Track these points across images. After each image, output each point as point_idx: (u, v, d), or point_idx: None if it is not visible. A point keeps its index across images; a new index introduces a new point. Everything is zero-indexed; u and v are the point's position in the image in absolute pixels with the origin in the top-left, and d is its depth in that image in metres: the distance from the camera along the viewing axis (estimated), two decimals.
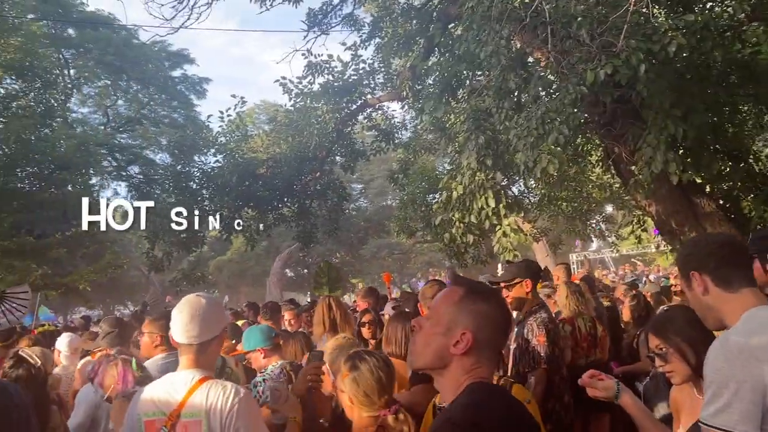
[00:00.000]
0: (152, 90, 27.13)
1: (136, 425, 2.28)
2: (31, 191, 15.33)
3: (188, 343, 2.32)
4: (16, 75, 14.49)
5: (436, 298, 1.65)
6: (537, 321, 3.93)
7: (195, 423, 2.21)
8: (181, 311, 2.34)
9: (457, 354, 1.50)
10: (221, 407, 2.21)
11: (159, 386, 2.34)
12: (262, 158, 14.61)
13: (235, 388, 2.29)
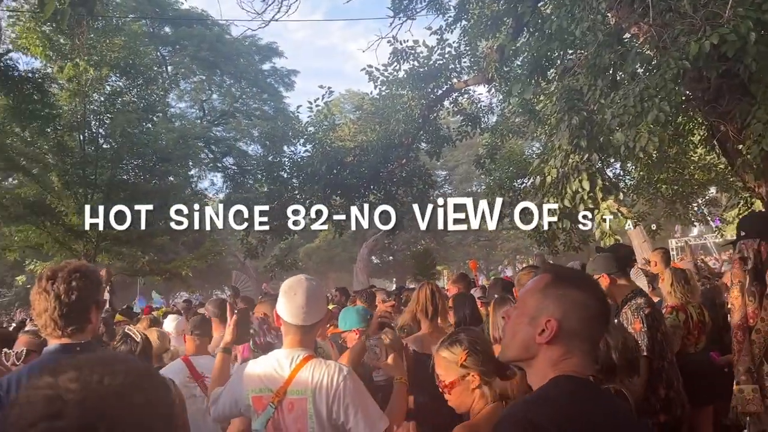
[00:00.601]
0: (244, 84, 28.18)
1: (244, 400, 2.36)
2: (136, 182, 16.34)
3: (301, 324, 2.37)
4: (120, 73, 15.44)
5: (524, 286, 1.57)
6: (632, 308, 3.74)
7: (301, 400, 2.26)
8: (295, 293, 2.37)
9: (542, 343, 1.41)
10: (327, 385, 2.25)
11: (263, 364, 2.40)
12: (350, 146, 14.83)
13: (339, 367, 2.33)
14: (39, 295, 2.15)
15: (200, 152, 24.27)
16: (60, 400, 0.69)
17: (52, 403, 0.69)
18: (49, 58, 14.46)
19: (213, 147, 27.00)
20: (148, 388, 0.76)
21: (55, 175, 15.06)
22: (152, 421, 0.74)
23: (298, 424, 2.24)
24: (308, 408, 2.24)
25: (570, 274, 1.52)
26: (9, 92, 11.97)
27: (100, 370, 0.73)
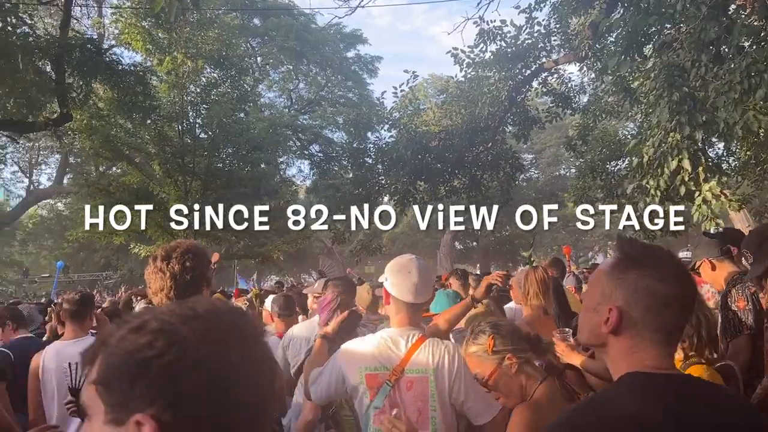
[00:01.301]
0: (329, 72, 28.66)
1: (354, 378, 2.36)
2: (231, 170, 17.04)
3: (413, 302, 2.37)
4: (214, 65, 16.11)
5: (595, 270, 1.45)
6: (737, 288, 3.56)
7: (421, 379, 2.27)
8: (410, 271, 2.37)
9: (607, 333, 1.28)
10: (449, 365, 2.26)
11: (373, 342, 2.40)
12: (434, 131, 14.79)
13: (454, 346, 2.36)
14: (155, 274, 2.23)
15: (288, 140, 24.95)
16: (176, 334, 0.76)
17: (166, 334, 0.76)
18: (149, 52, 15.30)
19: (300, 135, 27.68)
20: (252, 343, 0.82)
21: (157, 163, 15.97)
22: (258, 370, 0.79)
23: (419, 402, 2.25)
24: (430, 387, 2.25)
25: (641, 254, 1.32)
26: (114, 85, 12.78)
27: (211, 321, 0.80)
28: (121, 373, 0.74)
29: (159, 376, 0.73)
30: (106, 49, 13.08)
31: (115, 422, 0.74)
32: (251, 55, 24.22)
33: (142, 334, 0.76)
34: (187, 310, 0.79)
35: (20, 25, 11.21)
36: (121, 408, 0.74)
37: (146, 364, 0.73)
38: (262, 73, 23.06)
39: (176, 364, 0.73)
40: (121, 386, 0.74)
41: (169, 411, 0.72)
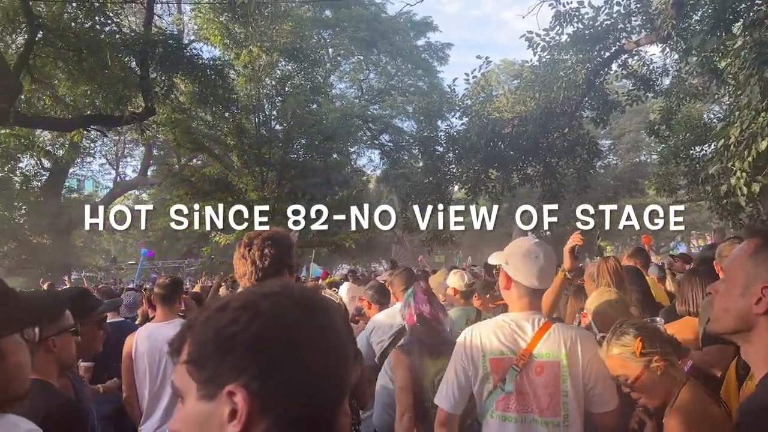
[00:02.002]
0: (399, 61, 28.64)
1: (479, 362, 2.34)
2: (304, 160, 17.37)
3: (539, 287, 2.36)
4: (288, 57, 16.43)
5: (730, 256, 1.43)
6: None
7: (553, 364, 2.25)
8: (536, 255, 2.35)
9: (760, 314, 1.27)
10: (582, 350, 2.24)
11: (494, 327, 2.38)
12: (507, 118, 14.53)
13: (585, 332, 2.34)
14: (239, 260, 2.35)
15: (359, 130, 25.15)
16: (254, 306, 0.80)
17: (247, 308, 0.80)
18: (226, 47, 15.78)
19: (370, 125, 27.84)
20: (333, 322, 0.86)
21: (235, 154, 16.49)
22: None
23: (550, 387, 2.23)
24: (562, 371, 2.24)
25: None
26: (195, 79, 13.27)
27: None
28: (210, 350, 0.79)
29: (245, 349, 0.77)
30: (186, 45, 13.59)
31: (208, 397, 0.78)
32: (323, 46, 24.54)
33: (226, 312, 0.80)
34: (264, 289, 0.84)
35: (107, 24, 11.80)
36: (212, 383, 0.78)
37: (232, 339, 0.77)
38: (333, 64, 23.32)
39: (260, 337, 0.78)
40: (210, 362, 0.78)
41: (257, 380, 0.76)
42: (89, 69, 11.27)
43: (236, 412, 0.76)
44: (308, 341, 0.79)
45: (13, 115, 10.42)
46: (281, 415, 0.77)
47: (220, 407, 0.76)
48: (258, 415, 0.76)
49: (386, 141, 28.50)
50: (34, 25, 10.19)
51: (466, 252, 35.69)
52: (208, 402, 0.78)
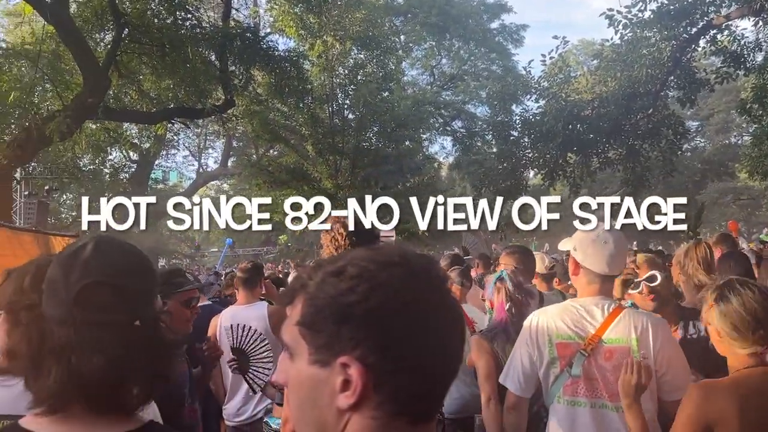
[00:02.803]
0: (472, 45, 28.18)
1: (544, 347, 2.34)
2: (376, 148, 17.46)
3: (608, 273, 2.33)
4: (361, 45, 16.51)
5: None
6: None
7: (622, 349, 2.22)
8: (606, 241, 2.33)
9: None
10: (653, 335, 2.21)
11: (563, 312, 2.36)
12: (587, 99, 14.00)
13: (657, 318, 2.30)
14: (324, 245, 2.53)
15: (431, 117, 24.98)
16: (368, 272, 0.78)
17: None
18: (301, 37, 16.02)
19: (443, 111, 27.58)
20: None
21: (310, 144, 16.78)
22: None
23: (619, 372, 2.18)
24: (633, 357, 2.20)
25: None
26: (271, 71, 13.55)
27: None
28: (326, 317, 0.77)
29: (364, 320, 0.75)
30: (262, 37, 13.88)
31: (320, 363, 0.77)
32: (395, 33, 24.50)
33: (343, 279, 0.78)
34: (382, 257, 0.80)
35: (188, 19, 12.22)
36: (326, 350, 0.77)
37: (351, 309, 0.76)
38: (405, 50, 23.24)
39: (380, 309, 0.76)
40: (326, 329, 0.77)
41: (375, 354, 0.75)
42: (172, 63, 11.73)
43: (349, 383, 0.75)
44: (425, 316, 0.77)
45: (103, 109, 11.00)
46: (395, 391, 0.76)
47: (333, 376, 0.76)
48: (372, 389, 0.75)
49: (458, 127, 28.16)
50: (120, 22, 10.69)
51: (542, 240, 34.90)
52: (320, 368, 0.77)
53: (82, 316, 1.03)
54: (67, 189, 25.39)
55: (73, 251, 1.09)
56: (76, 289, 1.04)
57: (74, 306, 1.03)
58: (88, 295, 1.04)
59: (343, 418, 0.76)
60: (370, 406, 0.75)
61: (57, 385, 1.00)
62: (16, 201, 14.32)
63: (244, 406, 3.96)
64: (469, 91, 28.81)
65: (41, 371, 1.02)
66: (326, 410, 0.77)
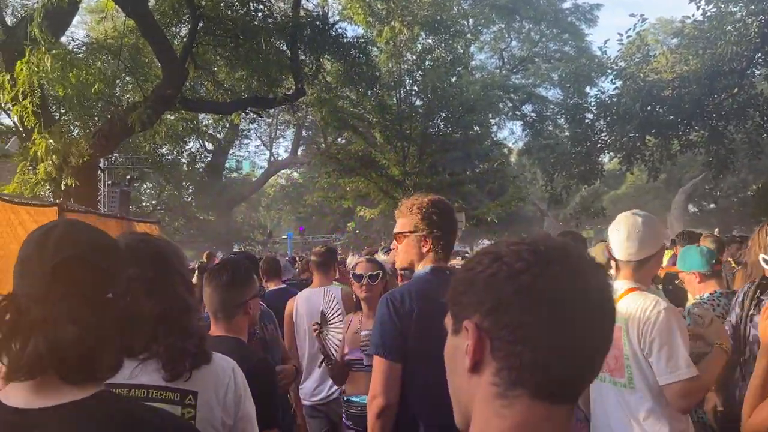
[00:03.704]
0: (543, 26, 27.44)
1: None
2: (444, 134, 17.33)
3: (625, 260, 2.40)
4: (428, 30, 16.37)
5: None
6: None
7: (617, 328, 2.26)
8: (618, 229, 2.41)
9: None
10: (639, 316, 2.24)
11: None
12: (667, 79, 13.35)
13: (657, 300, 2.28)
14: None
15: (500, 101, 24.54)
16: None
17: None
18: (369, 25, 16.05)
19: (512, 95, 27.04)
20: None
21: (377, 131, 16.84)
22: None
23: (615, 350, 2.27)
24: (623, 336, 2.27)
25: None
26: (340, 59, 13.66)
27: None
28: (457, 288, 0.87)
29: (481, 288, 0.82)
30: (331, 25, 13.99)
31: (456, 331, 0.86)
32: (463, 16, 24.13)
33: (475, 257, 0.88)
34: (518, 239, 0.87)
35: (260, 10, 12.47)
36: (457, 319, 0.86)
37: (473, 278, 0.84)
38: (473, 34, 22.88)
39: (495, 276, 0.81)
40: (457, 299, 0.86)
41: (489, 318, 0.80)
42: (245, 54, 12.02)
43: None
44: (538, 287, 0.79)
45: (180, 100, 11.42)
46: (513, 359, 0.79)
47: (462, 341, 0.83)
48: (489, 354, 0.80)
49: (529, 111, 27.54)
50: (196, 15, 11.02)
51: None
52: (455, 336, 0.86)
53: (58, 290, 1.07)
54: (146, 178, 26.59)
55: (44, 231, 1.13)
56: (51, 265, 1.08)
57: (51, 281, 1.07)
58: (63, 270, 1.08)
59: (471, 383, 0.83)
60: (491, 372, 0.80)
61: (33, 356, 1.04)
62: (101, 190, 15.08)
63: (320, 386, 4.04)
64: (540, 73, 28.08)
65: (16, 344, 1.06)
66: (461, 375, 0.84)
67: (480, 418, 0.82)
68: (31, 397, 1.07)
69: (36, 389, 1.07)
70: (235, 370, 1.67)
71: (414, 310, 2.20)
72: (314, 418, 4.10)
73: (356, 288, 3.36)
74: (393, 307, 2.22)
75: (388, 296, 2.30)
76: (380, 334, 2.23)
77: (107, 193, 16.06)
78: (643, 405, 2.23)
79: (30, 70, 9.07)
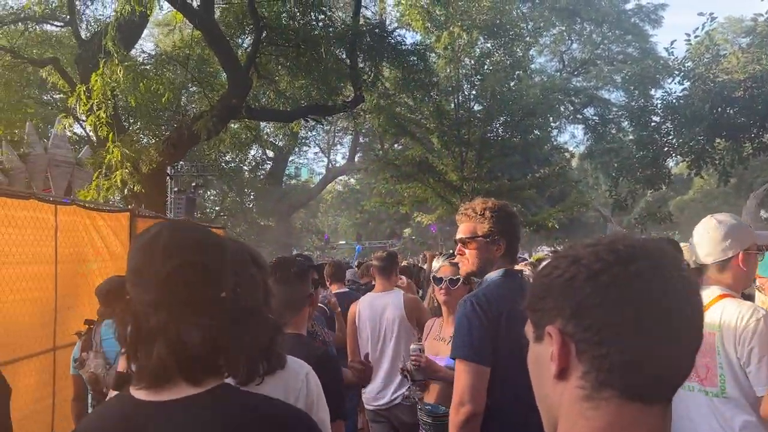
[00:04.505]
0: (606, 28, 26.78)
1: None
2: (503, 139, 17.10)
3: (710, 261, 2.37)
4: (487, 34, 16.22)
5: None
6: None
7: (709, 335, 2.22)
8: (698, 232, 2.44)
9: None
10: (736, 324, 2.18)
11: None
12: (738, 79, 12.78)
13: (754, 308, 2.23)
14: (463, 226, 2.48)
15: (560, 105, 24.06)
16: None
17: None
18: (427, 30, 16.05)
19: (573, 98, 26.48)
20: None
21: (435, 136, 16.79)
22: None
23: (706, 357, 2.22)
24: (716, 343, 2.21)
25: None
26: (399, 65, 13.72)
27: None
28: (536, 295, 0.86)
29: (560, 292, 0.82)
30: (389, 32, 14.07)
31: (538, 339, 0.86)
32: (522, 19, 23.83)
33: (552, 261, 0.87)
34: (594, 240, 0.87)
35: (321, 19, 12.68)
36: (538, 326, 0.85)
37: (551, 283, 0.84)
38: (533, 37, 22.54)
39: (574, 280, 0.81)
40: (537, 306, 0.86)
41: (572, 322, 0.80)
42: (306, 63, 12.24)
43: None
44: (620, 287, 0.78)
45: (245, 109, 11.72)
46: (599, 361, 0.78)
47: (546, 347, 0.82)
48: (575, 358, 0.79)
49: (591, 114, 26.88)
50: (259, 26, 11.31)
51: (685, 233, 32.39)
52: (538, 344, 0.86)
53: (173, 296, 1.10)
54: (210, 185, 27.41)
55: (149, 239, 1.16)
56: (164, 273, 1.11)
57: (165, 288, 1.10)
58: (176, 277, 1.11)
59: (558, 389, 0.82)
60: (577, 376, 0.80)
61: (157, 364, 1.08)
62: (168, 196, 15.63)
63: (383, 391, 4.06)
64: (603, 76, 27.39)
65: (141, 352, 1.10)
66: (547, 383, 0.84)
67: (567, 421, 0.81)
68: (152, 391, 1.11)
69: (162, 390, 1.11)
70: (309, 375, 1.66)
71: (503, 313, 2.15)
72: (377, 422, 4.12)
73: (436, 291, 3.31)
74: (481, 309, 2.17)
75: (472, 299, 2.24)
76: (468, 337, 2.16)
77: (174, 200, 16.67)
78: (739, 416, 2.16)
79: (104, 82, 9.53)
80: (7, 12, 13.36)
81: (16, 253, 4.03)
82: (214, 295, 1.16)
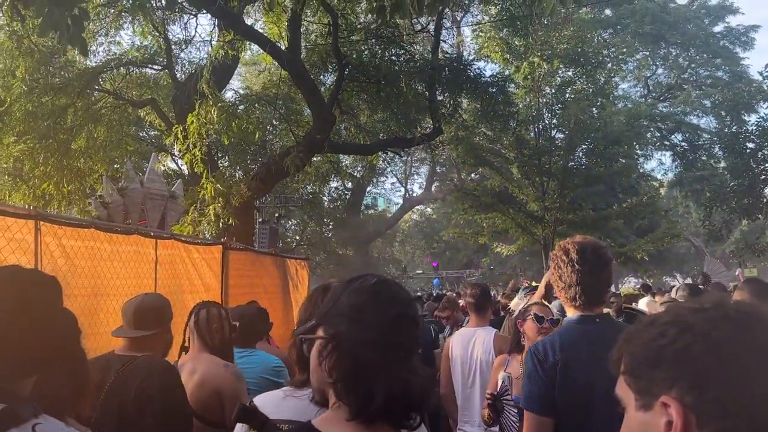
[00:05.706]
0: (693, 51, 25.81)
1: None
2: (587, 167, 16.72)
3: None
4: (569, 63, 16.03)
5: None
6: None
7: None
8: None
9: None
10: None
11: None
12: None
13: None
14: (565, 267, 2.31)
15: (647, 132, 23.29)
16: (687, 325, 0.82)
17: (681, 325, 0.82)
18: (507, 62, 16.07)
19: (659, 124, 25.56)
20: None
21: (515, 166, 16.65)
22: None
23: None
24: None
25: None
26: (478, 97, 13.78)
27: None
28: (641, 361, 0.84)
29: (675, 361, 0.80)
30: (468, 64, 14.18)
31: (644, 407, 0.83)
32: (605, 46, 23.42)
33: (656, 326, 0.85)
34: (695, 304, 0.85)
35: (401, 55, 12.97)
36: (646, 393, 0.83)
37: (661, 350, 0.82)
38: (615, 63, 22.07)
39: (689, 349, 0.79)
40: (643, 373, 0.84)
41: (692, 393, 0.78)
42: (386, 97, 12.53)
43: (672, 423, 0.78)
44: (745, 358, 0.78)
45: (328, 143, 12.08)
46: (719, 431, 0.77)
47: (657, 417, 0.80)
48: (694, 428, 0.78)
49: (679, 141, 25.81)
50: (342, 64, 11.70)
51: None
52: (645, 412, 0.83)
53: (392, 341, 1.16)
54: (291, 215, 28.15)
55: (374, 284, 1.23)
56: (389, 318, 1.17)
57: (388, 332, 1.16)
58: (399, 323, 1.18)
59: None
60: None
61: (380, 406, 1.11)
62: (255, 228, 16.21)
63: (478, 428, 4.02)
64: (690, 101, 26.31)
65: (356, 389, 1.14)
66: None
67: None
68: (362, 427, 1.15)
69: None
70: None
71: (558, 363, 2.18)
72: None
73: (531, 328, 3.30)
74: (537, 359, 2.23)
75: (531, 348, 2.31)
76: (528, 388, 2.25)
77: (258, 231, 17.26)
78: None
79: (199, 122, 10.10)
80: (111, 57, 14.42)
81: (120, 286, 4.23)
82: (415, 348, 1.23)
